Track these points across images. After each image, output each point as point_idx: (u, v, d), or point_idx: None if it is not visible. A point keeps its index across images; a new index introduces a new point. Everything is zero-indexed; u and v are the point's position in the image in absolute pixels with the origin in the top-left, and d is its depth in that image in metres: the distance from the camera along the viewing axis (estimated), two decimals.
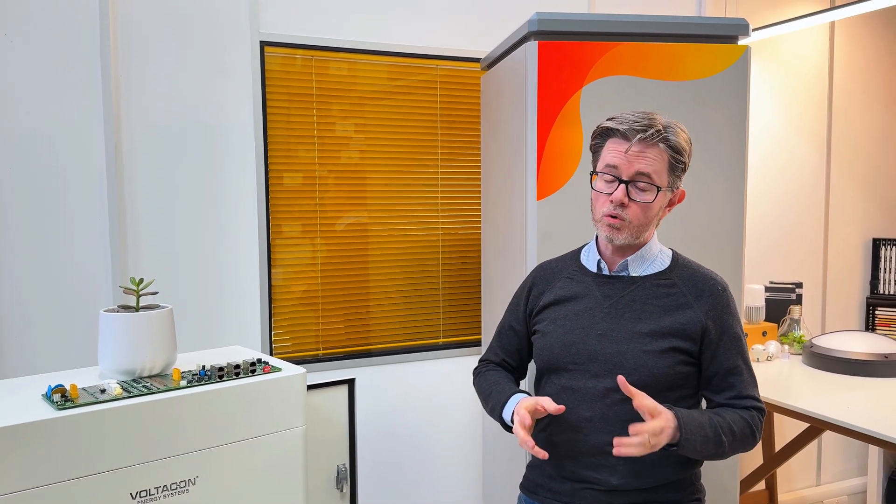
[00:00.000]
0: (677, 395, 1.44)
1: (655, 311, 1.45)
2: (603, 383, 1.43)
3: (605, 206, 1.44)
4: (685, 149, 1.44)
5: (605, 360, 1.43)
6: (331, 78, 2.56)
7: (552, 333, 1.51)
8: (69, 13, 2.18)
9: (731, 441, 1.40)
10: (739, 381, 1.47)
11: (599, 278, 1.52)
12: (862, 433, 2.07)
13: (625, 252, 1.50)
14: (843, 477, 3.62)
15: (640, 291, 1.48)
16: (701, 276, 1.50)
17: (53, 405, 1.41)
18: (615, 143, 1.44)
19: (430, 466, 2.80)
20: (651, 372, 1.41)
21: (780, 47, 3.31)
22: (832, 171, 3.48)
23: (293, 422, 1.68)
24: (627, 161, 1.41)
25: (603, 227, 1.45)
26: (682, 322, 1.44)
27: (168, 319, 1.63)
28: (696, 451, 1.36)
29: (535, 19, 2.03)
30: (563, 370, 1.47)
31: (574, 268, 1.57)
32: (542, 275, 1.62)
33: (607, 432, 1.41)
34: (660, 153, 1.42)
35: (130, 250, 2.30)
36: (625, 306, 1.47)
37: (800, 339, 2.92)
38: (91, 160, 2.24)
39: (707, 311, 1.46)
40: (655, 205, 1.44)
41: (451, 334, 2.82)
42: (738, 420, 1.42)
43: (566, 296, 1.53)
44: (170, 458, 1.50)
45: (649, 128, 1.40)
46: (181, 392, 1.51)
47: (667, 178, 1.44)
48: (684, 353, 1.43)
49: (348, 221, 2.63)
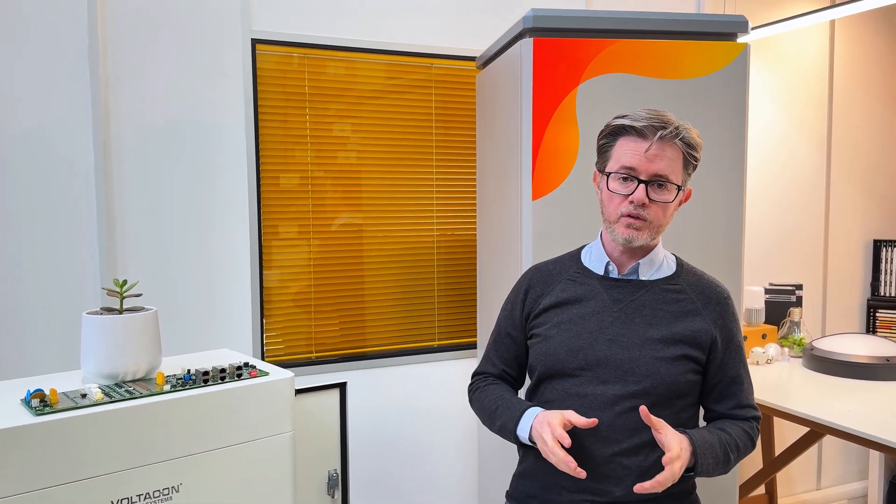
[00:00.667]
0: (684, 403, 1.42)
1: (666, 317, 1.41)
2: (612, 390, 1.37)
3: (622, 207, 1.38)
4: (699, 144, 1.40)
5: (616, 365, 1.38)
6: (324, 76, 2.52)
7: (556, 337, 1.44)
8: (56, 11, 2.14)
9: (736, 457, 1.40)
10: (741, 391, 1.46)
11: (607, 281, 1.46)
12: (863, 438, 2.03)
13: (636, 255, 1.44)
14: (844, 481, 3.58)
15: (649, 296, 1.43)
16: (707, 284, 1.48)
17: (32, 410, 1.37)
18: (630, 141, 1.38)
19: (425, 472, 2.76)
20: (663, 379, 1.37)
21: (780, 46, 3.28)
22: (832, 172, 3.44)
23: (281, 427, 1.64)
24: (647, 160, 1.35)
25: (621, 229, 1.39)
26: (693, 330, 1.41)
27: (152, 322, 1.59)
28: (709, 473, 1.36)
29: (531, 16, 2.00)
30: (569, 376, 1.41)
31: (576, 269, 1.51)
32: (539, 276, 1.54)
33: (614, 441, 1.36)
34: (676, 151, 1.37)
35: (119, 252, 2.26)
36: (635, 311, 1.42)
37: (800, 342, 2.89)
38: (79, 160, 2.20)
39: (715, 320, 1.43)
40: (674, 204, 1.40)
41: (447, 336, 2.78)
42: (742, 434, 1.42)
43: (569, 298, 1.47)
44: (153, 465, 1.45)
45: (667, 125, 1.35)
46: (164, 397, 1.47)
47: (682, 175, 1.40)
48: (693, 362, 1.40)
49: (342, 222, 2.59)
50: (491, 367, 1.58)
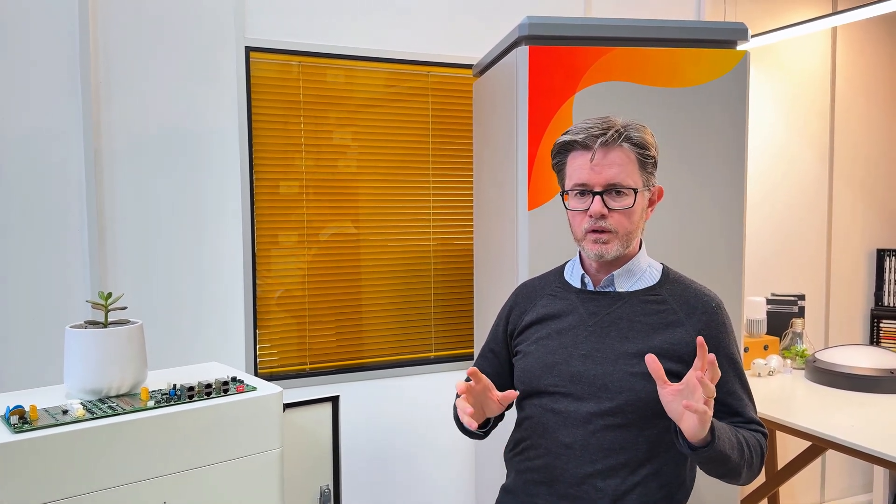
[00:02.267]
0: (666, 423, 1.31)
1: (643, 330, 1.35)
2: (586, 407, 1.32)
3: (584, 223, 1.35)
4: (651, 142, 1.36)
5: (590, 381, 1.33)
6: (318, 84, 2.49)
7: (533, 353, 1.41)
8: (48, 16, 2.12)
9: (749, 455, 1.27)
10: (740, 405, 1.36)
11: (584, 294, 1.42)
12: (866, 453, 1.99)
13: (611, 266, 1.40)
14: (848, 494, 3.53)
15: (626, 308, 1.38)
16: (693, 293, 1.40)
17: (10, 427, 1.33)
18: (578, 155, 1.35)
19: (421, 485, 2.71)
20: (638, 396, 1.30)
21: (782, 54, 3.24)
22: (835, 181, 3.40)
23: (269, 444, 1.60)
24: (595, 172, 1.32)
25: (589, 245, 1.35)
26: (672, 342, 1.34)
27: (137, 336, 1.55)
28: (724, 456, 1.20)
29: (526, 23, 1.97)
30: (546, 392, 1.37)
31: (557, 284, 1.48)
32: (524, 293, 1.53)
33: (587, 461, 1.31)
34: (625, 154, 1.33)
35: (110, 261, 2.23)
36: (610, 324, 1.37)
37: (802, 354, 2.84)
38: (70, 168, 2.17)
39: (700, 331, 1.35)
40: (637, 208, 1.35)
41: (443, 347, 2.74)
42: (750, 436, 1.31)
43: (549, 314, 1.44)
44: (136, 483, 1.42)
45: (607, 130, 1.32)
46: (148, 413, 1.43)
47: (640, 177, 1.35)
48: (675, 377, 1.31)
49: (337, 231, 2.56)
50: None
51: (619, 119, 1.36)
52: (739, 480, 1.30)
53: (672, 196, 2.07)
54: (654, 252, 2.02)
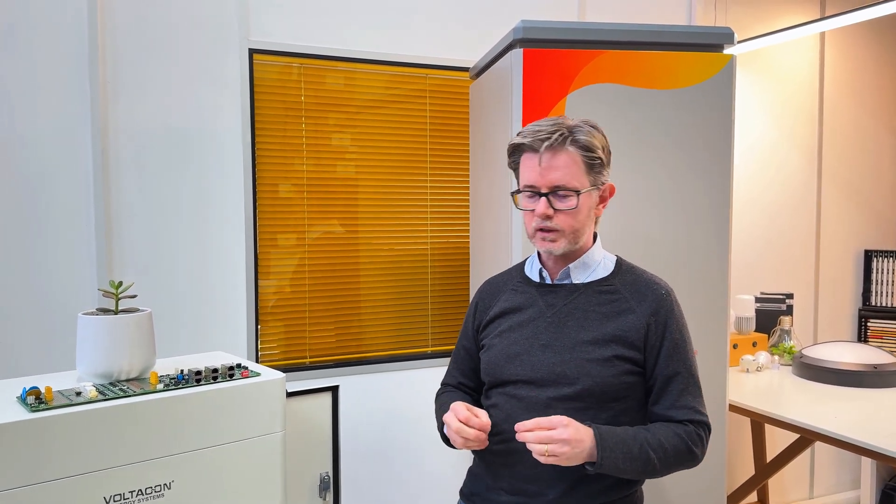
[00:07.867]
0: (622, 406, 1.39)
1: (598, 319, 1.42)
2: (546, 392, 1.39)
3: (533, 222, 1.43)
4: (597, 145, 1.41)
5: (549, 369, 1.40)
6: (320, 86, 2.57)
7: (497, 346, 1.49)
8: (57, 19, 2.19)
9: (661, 458, 1.34)
10: (678, 389, 1.41)
11: (543, 288, 1.50)
12: (852, 444, 2.05)
13: (566, 259, 1.47)
14: (837, 490, 3.59)
15: (582, 299, 1.45)
16: (644, 281, 1.47)
17: (27, 407, 1.40)
18: (527, 158, 1.42)
19: (417, 476, 2.78)
20: (594, 381, 1.37)
21: (771, 58, 3.32)
22: (823, 182, 3.48)
23: (272, 427, 1.66)
24: (541, 174, 1.39)
25: (538, 242, 1.44)
26: (623, 329, 1.41)
27: (147, 323, 1.62)
28: (619, 470, 1.31)
29: (521, 27, 2.04)
30: (509, 382, 1.44)
31: (518, 279, 1.56)
32: (488, 289, 1.61)
33: None
34: (571, 156, 1.39)
35: (116, 257, 2.30)
36: (567, 314, 1.44)
37: (790, 350, 2.91)
38: (78, 166, 2.24)
39: (649, 316, 1.42)
40: (583, 207, 1.41)
41: (440, 343, 2.81)
42: (671, 436, 1.37)
43: (510, 307, 1.51)
44: (145, 462, 1.48)
45: (553, 133, 1.38)
46: (157, 395, 1.50)
47: (586, 178, 1.41)
48: (630, 362, 1.39)
49: (336, 229, 2.63)
50: (450, 379, 1.66)
51: (571, 120, 1.42)
52: (657, 477, 1.38)
53: (659, 195, 2.15)
54: (640, 251, 2.09)
